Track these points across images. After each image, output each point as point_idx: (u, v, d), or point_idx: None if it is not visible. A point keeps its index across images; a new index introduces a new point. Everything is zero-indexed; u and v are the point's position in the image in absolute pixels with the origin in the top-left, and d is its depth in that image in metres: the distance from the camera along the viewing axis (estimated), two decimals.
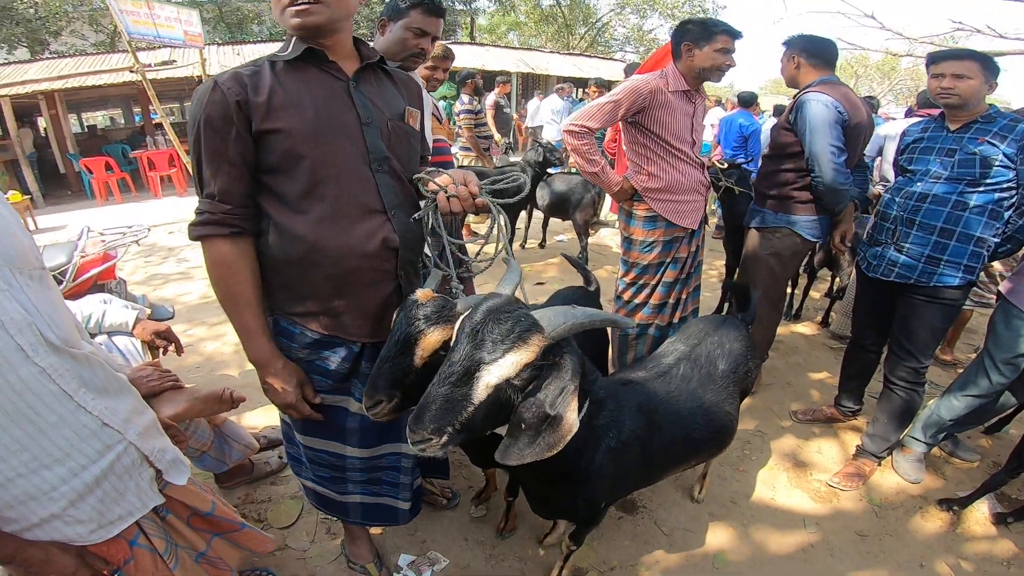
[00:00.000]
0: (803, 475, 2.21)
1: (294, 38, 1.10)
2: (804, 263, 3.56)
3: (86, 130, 12.89)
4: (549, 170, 4.37)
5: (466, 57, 10.58)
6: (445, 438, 0.86)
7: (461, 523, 1.93)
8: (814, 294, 4.05)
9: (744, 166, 3.32)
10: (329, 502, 1.47)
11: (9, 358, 0.76)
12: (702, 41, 1.97)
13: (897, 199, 1.94)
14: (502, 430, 0.95)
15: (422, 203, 1.23)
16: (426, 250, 1.29)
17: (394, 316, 1.13)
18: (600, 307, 2.05)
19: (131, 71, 7.75)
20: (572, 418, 0.88)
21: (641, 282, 2.29)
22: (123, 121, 15.33)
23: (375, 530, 1.89)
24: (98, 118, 16.99)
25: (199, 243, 1.09)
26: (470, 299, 1.06)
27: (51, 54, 12.08)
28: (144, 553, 0.97)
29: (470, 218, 5.17)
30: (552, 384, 0.89)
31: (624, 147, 2.27)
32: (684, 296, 2.37)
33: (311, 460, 1.39)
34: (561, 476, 1.18)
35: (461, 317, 0.96)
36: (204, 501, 1.18)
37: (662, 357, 1.54)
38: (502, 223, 1.18)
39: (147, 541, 0.98)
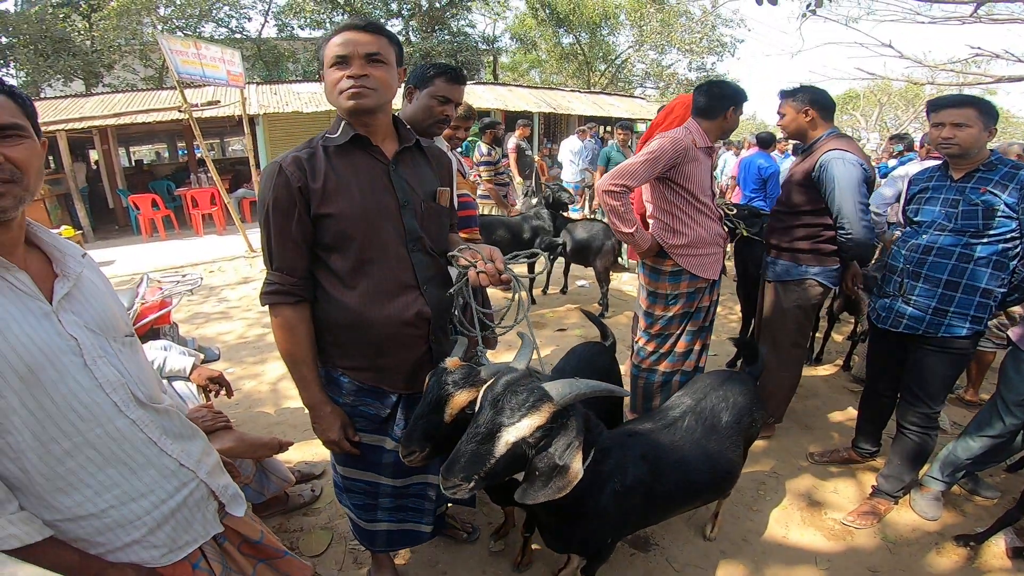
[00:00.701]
0: (817, 514, 2.23)
1: (343, 122, 1.27)
2: (824, 307, 3.59)
3: (133, 164, 13.67)
4: (568, 213, 4.46)
5: (488, 98, 10.92)
6: (472, 484, 1.03)
7: (480, 556, 2.01)
8: (836, 337, 4.04)
9: (763, 209, 3.34)
10: (361, 531, 1.63)
11: (107, 412, 0.93)
12: (739, 106, 2.16)
13: (903, 251, 1.98)
14: (520, 475, 1.11)
15: (452, 272, 1.40)
16: (458, 318, 1.48)
17: (427, 379, 1.30)
18: (615, 360, 2.16)
19: (179, 110, 8.34)
20: (577, 467, 1.05)
21: (666, 333, 2.38)
22: (167, 155, 16.22)
23: (399, 560, 2.00)
24: (144, 152, 18.02)
25: (266, 307, 1.29)
26: (492, 368, 1.25)
27: (104, 87, 12.87)
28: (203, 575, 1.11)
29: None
30: (560, 440, 1.06)
31: (650, 206, 2.31)
32: (708, 342, 2.48)
33: (347, 488, 1.57)
34: (571, 514, 1.31)
35: (484, 387, 1.14)
36: (254, 530, 1.32)
37: (669, 410, 1.66)
38: (524, 297, 1.33)
39: (207, 565, 1.12)
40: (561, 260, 4.91)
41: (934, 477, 2.14)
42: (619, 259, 4.96)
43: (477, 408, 1.12)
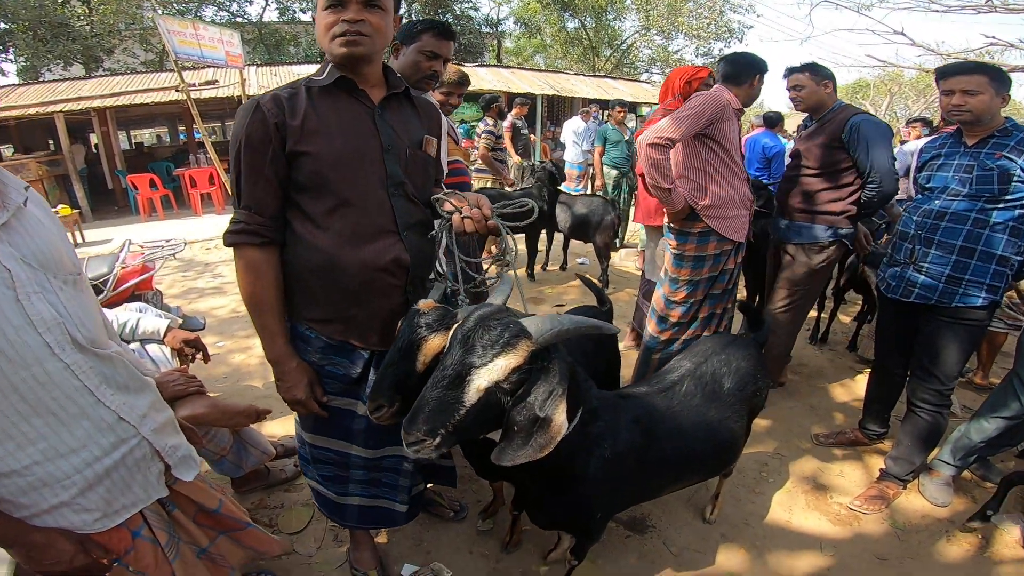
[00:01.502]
0: (822, 498, 2.12)
1: (330, 64, 1.20)
2: (830, 288, 3.48)
3: (134, 147, 13.62)
4: (562, 187, 4.41)
5: (491, 80, 10.77)
6: (438, 440, 0.89)
7: (467, 536, 1.92)
8: (844, 318, 3.93)
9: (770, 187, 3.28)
10: (329, 503, 1.52)
11: (37, 353, 0.82)
12: (762, 76, 2.25)
13: (915, 218, 1.90)
14: (496, 436, 0.97)
15: (436, 223, 1.30)
16: (441, 267, 1.37)
17: (399, 325, 1.18)
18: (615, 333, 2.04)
19: (176, 90, 8.23)
20: (560, 420, 0.90)
21: (691, 300, 2.35)
22: (169, 139, 16.15)
23: (381, 539, 1.91)
24: (145, 136, 17.95)
25: (232, 250, 1.20)
26: (467, 308, 1.11)
27: (104, 71, 12.84)
28: (146, 545, 1.01)
29: (488, 241, 5.21)
30: (541, 388, 0.91)
31: (683, 168, 2.30)
32: (728, 306, 2.45)
33: (315, 459, 1.46)
34: (556, 484, 1.19)
35: (455, 325, 1.00)
36: (211, 498, 1.22)
37: (667, 373, 1.53)
38: (511, 244, 1.25)
39: (150, 533, 1.03)
40: (560, 237, 4.84)
41: (945, 461, 2.03)
42: (618, 236, 4.88)
43: (446, 348, 0.98)
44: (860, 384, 2.93)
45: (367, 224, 1.21)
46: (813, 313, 3.61)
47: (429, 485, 2.04)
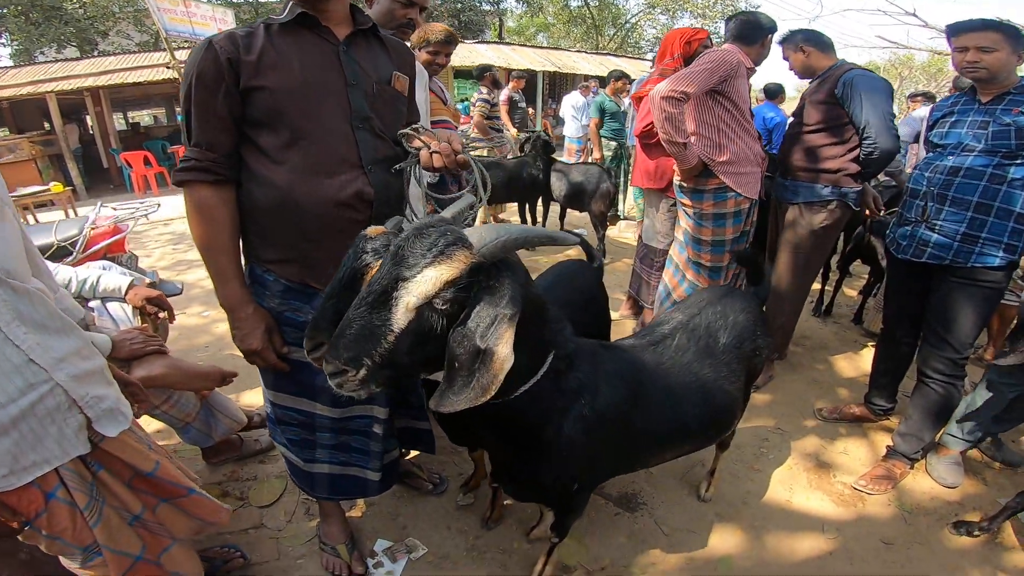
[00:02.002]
0: (825, 477, 2.00)
1: (291, 2, 1.14)
2: (835, 260, 3.34)
3: (130, 127, 13.50)
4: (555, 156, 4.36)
5: (491, 56, 10.55)
6: (364, 371, 0.76)
7: (446, 510, 1.82)
8: (850, 292, 3.78)
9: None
10: (298, 472, 1.45)
11: None
12: (771, 36, 2.25)
13: (926, 174, 1.78)
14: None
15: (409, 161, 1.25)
16: (412, 209, 1.30)
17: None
18: (602, 284, 1.90)
19: (167, 67, 8.06)
20: (504, 353, 0.75)
21: (718, 265, 2.35)
22: (166, 120, 15.99)
23: (355, 512, 1.82)
24: (144, 117, 17.75)
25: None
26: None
27: (99, 53, 12.70)
28: (61, 507, 0.90)
29: (485, 212, 5.09)
30: (484, 311, 0.77)
31: (697, 126, 2.27)
32: (738, 272, 2.43)
33: (279, 419, 1.39)
34: (527, 447, 1.07)
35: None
36: (145, 460, 1.10)
37: (657, 326, 1.38)
38: (483, 180, 1.19)
39: (67, 495, 0.91)
40: (557, 208, 4.77)
41: (953, 435, 1.91)
42: (616, 207, 4.75)
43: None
44: (865, 358, 2.82)
45: (327, 158, 1.14)
46: (817, 286, 3.48)
47: (410, 454, 1.95)
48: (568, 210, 4.77)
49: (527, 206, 4.43)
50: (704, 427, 1.28)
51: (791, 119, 2.46)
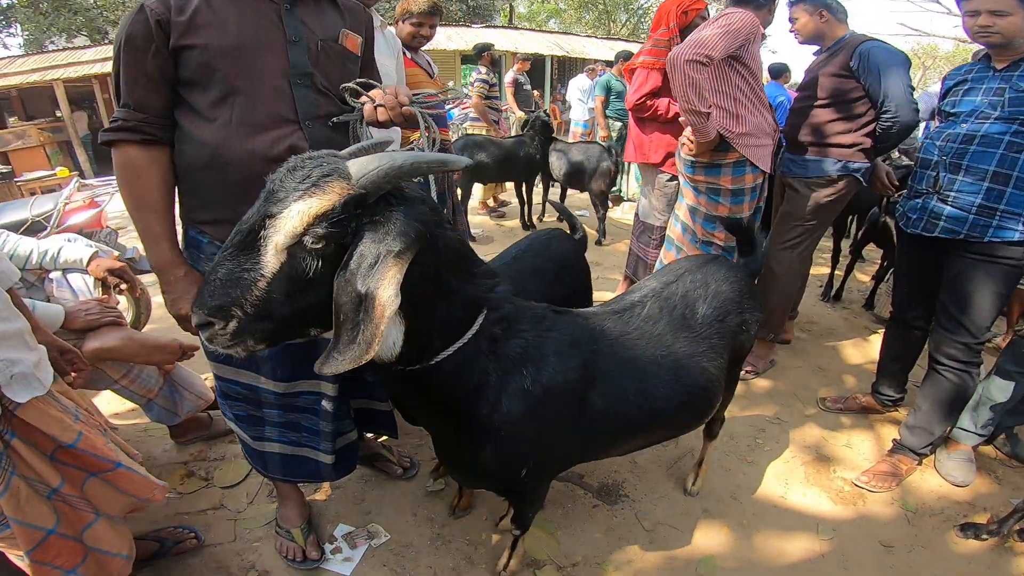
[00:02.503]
0: (824, 471, 1.85)
1: None
2: (850, 243, 3.16)
3: None
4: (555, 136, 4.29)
5: (500, 41, 10.36)
6: (234, 323, 0.67)
7: (415, 496, 1.72)
8: (862, 277, 3.59)
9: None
10: (250, 450, 1.40)
11: None
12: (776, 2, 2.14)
13: (938, 143, 1.64)
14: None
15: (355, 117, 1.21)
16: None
17: None
18: (580, 254, 1.77)
19: None
20: (386, 296, 0.65)
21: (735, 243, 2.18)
22: None
23: (319, 496, 1.73)
24: None
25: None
26: None
27: (109, 42, 12.84)
28: None
29: (484, 193, 4.97)
30: (367, 248, 0.67)
31: (712, 95, 2.11)
32: None
33: (225, 393, 1.33)
34: (461, 424, 0.94)
35: None
36: (66, 431, 1.02)
37: (628, 294, 1.24)
38: (430, 133, 1.15)
39: None
40: (558, 189, 4.66)
41: (965, 429, 1.76)
42: (617, 187, 4.61)
43: None
44: (875, 345, 2.62)
45: (260, 113, 1.10)
46: (826, 269, 3.31)
47: (381, 436, 1.86)
48: (569, 191, 4.64)
49: (524, 186, 4.29)
50: (677, 410, 1.13)
51: (799, 91, 2.31)
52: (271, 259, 0.67)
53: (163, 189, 1.12)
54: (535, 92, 6.62)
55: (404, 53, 2.40)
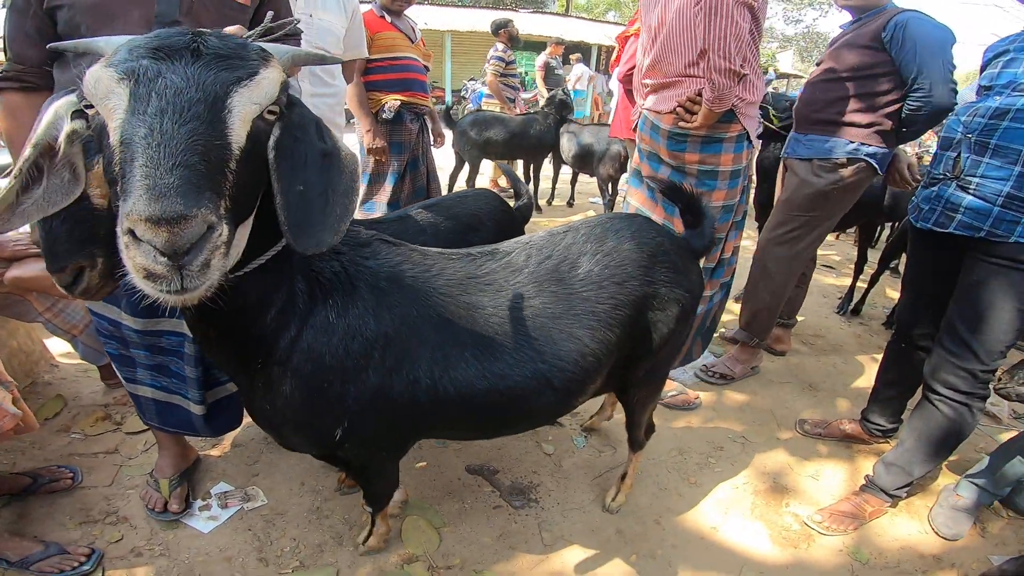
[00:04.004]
0: (775, 504, 1.56)
1: None
2: (890, 253, 2.73)
3: None
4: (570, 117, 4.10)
5: (543, 27, 10.13)
6: (223, 225, 0.56)
7: (310, 466, 1.61)
8: (892, 293, 3.12)
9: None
10: (133, 396, 1.37)
11: None
12: None
13: (963, 118, 1.32)
14: None
15: None
16: None
17: None
18: (509, 226, 1.55)
19: None
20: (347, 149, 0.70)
21: (724, 233, 1.83)
22: None
23: (215, 451, 1.66)
24: None
25: None
26: None
27: None
28: None
29: (495, 171, 4.81)
30: (300, 118, 0.69)
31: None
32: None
33: (98, 330, 1.31)
34: (260, 361, 0.83)
35: None
36: None
37: (499, 243, 1.06)
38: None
39: None
40: (570, 172, 4.51)
41: (982, 487, 1.44)
42: (625, 168, 4.36)
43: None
44: None
45: None
46: (847, 281, 2.89)
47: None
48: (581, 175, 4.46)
49: (531, 166, 4.11)
50: (529, 381, 0.93)
51: (816, 67, 1.99)
52: (238, 128, 0.59)
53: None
54: (567, 78, 6.38)
55: (384, 17, 2.31)
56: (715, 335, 2.52)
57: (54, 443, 1.67)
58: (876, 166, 1.80)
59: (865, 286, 2.83)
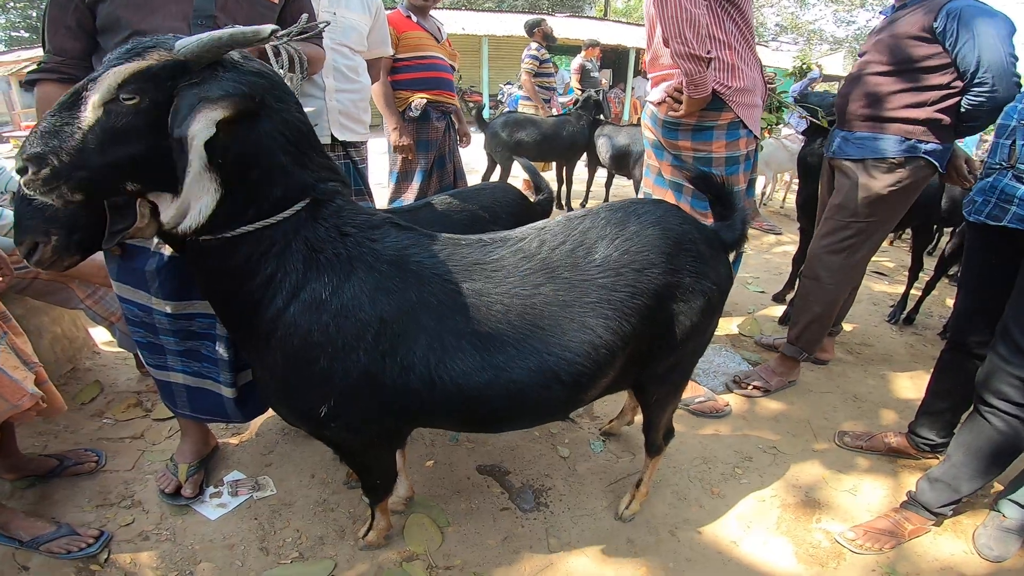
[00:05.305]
0: (806, 519, 1.44)
1: None
2: (948, 259, 2.52)
3: None
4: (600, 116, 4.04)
5: (579, 31, 10.05)
6: (47, 170, 0.73)
7: (322, 458, 1.62)
8: (949, 302, 2.87)
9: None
10: (160, 384, 1.38)
11: None
12: None
13: (1019, 106, 1.22)
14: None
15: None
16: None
17: None
18: (526, 219, 1.53)
19: None
20: (195, 129, 0.73)
21: None
22: None
23: (234, 440, 1.70)
24: None
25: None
26: None
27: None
28: None
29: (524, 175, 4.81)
30: (184, 99, 0.74)
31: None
32: None
33: (127, 318, 1.32)
34: (244, 324, 0.89)
35: None
36: None
37: (514, 229, 1.02)
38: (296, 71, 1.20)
39: None
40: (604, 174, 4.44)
41: (1018, 502, 1.29)
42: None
43: None
44: None
45: None
46: (901, 288, 2.67)
47: None
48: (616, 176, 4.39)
49: (564, 168, 4.06)
50: (532, 373, 0.88)
51: (858, 58, 1.87)
52: (89, 114, 0.74)
53: None
54: (603, 81, 6.30)
55: (410, 16, 2.34)
56: (752, 340, 2.40)
57: (86, 427, 1.76)
58: (937, 163, 1.67)
59: (920, 294, 2.62)
